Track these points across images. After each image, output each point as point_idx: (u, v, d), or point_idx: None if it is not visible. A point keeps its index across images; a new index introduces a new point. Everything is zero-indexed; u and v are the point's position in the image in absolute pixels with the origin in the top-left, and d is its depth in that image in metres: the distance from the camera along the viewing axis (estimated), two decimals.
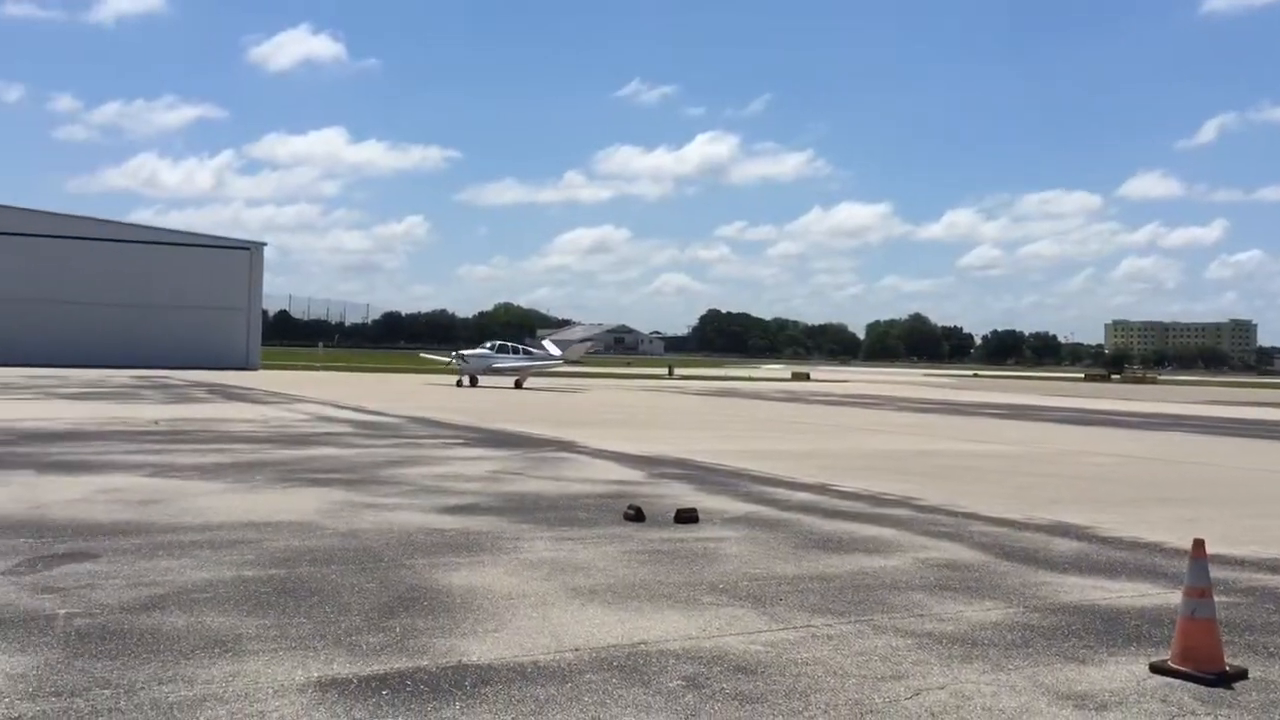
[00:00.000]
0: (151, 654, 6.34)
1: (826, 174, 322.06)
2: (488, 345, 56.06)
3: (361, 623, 7.18)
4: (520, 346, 58.50)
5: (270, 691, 5.75)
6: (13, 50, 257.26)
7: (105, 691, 5.66)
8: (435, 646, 6.68)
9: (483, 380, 52.88)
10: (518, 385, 52.05)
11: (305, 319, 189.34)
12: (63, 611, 7.22)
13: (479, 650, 6.63)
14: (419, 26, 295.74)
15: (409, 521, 11.34)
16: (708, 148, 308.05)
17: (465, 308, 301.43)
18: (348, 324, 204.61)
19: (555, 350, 60.70)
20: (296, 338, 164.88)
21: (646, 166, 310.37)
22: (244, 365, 72.00)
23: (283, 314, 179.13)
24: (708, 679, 6.19)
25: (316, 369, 75.19)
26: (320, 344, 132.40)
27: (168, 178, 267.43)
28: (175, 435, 21.11)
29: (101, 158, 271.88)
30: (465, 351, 55.52)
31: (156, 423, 24.15)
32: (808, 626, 7.47)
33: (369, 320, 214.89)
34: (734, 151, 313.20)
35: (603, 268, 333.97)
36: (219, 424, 24.49)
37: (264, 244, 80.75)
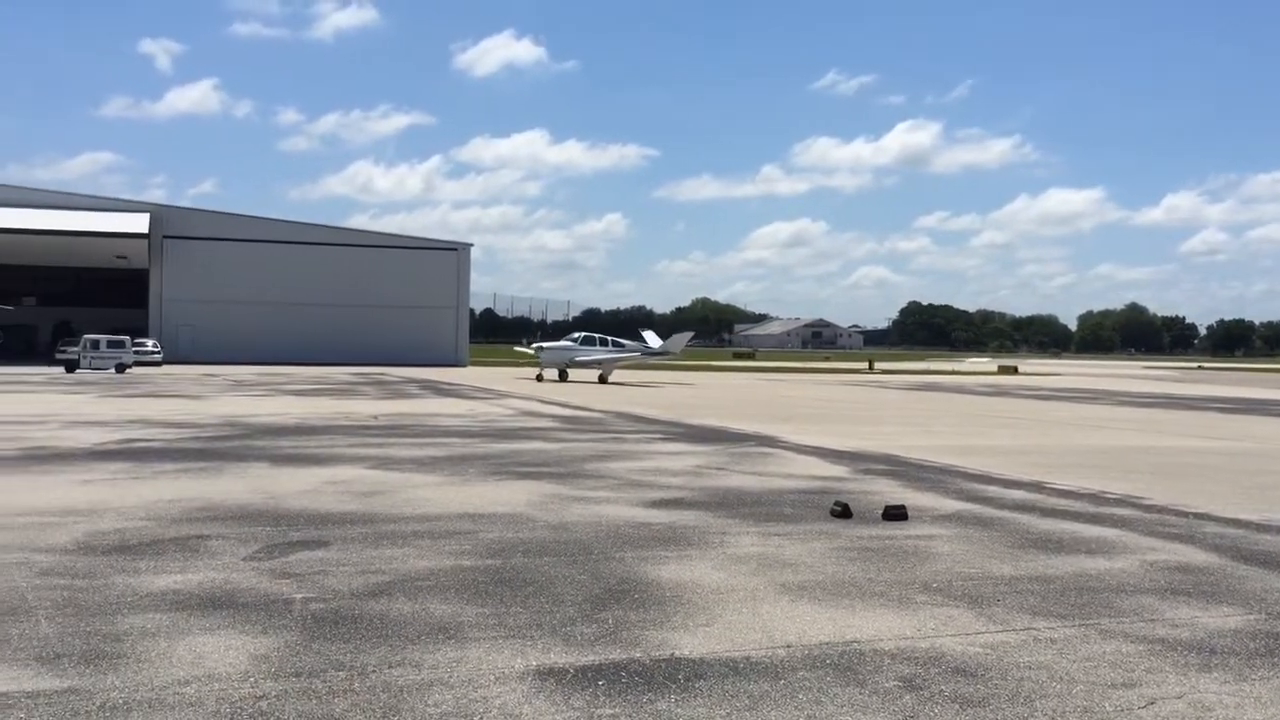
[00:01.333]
0: (380, 639, 6.64)
1: (1034, 159, 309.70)
2: (574, 336, 52.87)
3: (575, 613, 7.32)
4: (609, 338, 54.19)
5: (492, 678, 5.93)
6: (243, 68, 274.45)
7: (340, 673, 5.96)
8: (647, 639, 6.75)
9: (571, 374, 50.35)
10: (602, 380, 49.31)
11: (509, 317, 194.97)
12: (299, 596, 7.64)
13: (691, 644, 6.66)
14: (617, 27, 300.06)
15: (616, 515, 11.51)
16: (908, 136, 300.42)
17: (663, 304, 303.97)
18: (549, 321, 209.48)
19: (655, 343, 57.40)
20: (501, 335, 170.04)
21: (844, 158, 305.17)
22: (453, 362, 74.77)
23: (488, 312, 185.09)
24: (925, 680, 6.04)
25: (522, 366, 77.31)
26: (525, 341, 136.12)
27: (381, 183, 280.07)
28: (393, 430, 22.09)
29: (322, 166, 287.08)
30: (545, 344, 52.50)
31: (375, 418, 25.34)
32: (1029, 629, 7.19)
33: (570, 317, 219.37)
34: (935, 139, 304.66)
35: (800, 261, 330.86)
36: (432, 419, 25.49)
37: (470, 245, 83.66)
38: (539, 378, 49.51)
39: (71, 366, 52.20)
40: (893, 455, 18.42)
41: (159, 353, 61.65)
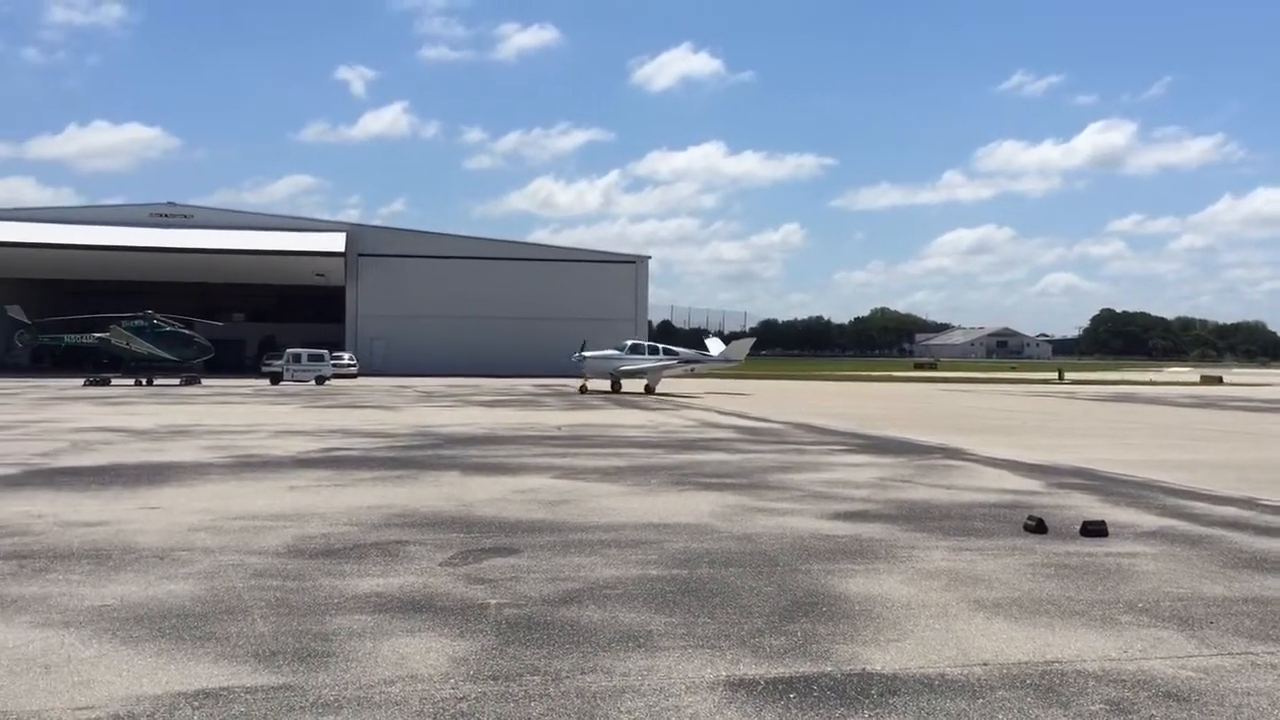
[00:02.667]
0: (572, 645, 6.76)
1: (1239, 158, 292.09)
2: (621, 344, 49.85)
3: (763, 625, 7.30)
4: (661, 346, 51.30)
5: (683, 687, 5.97)
6: (431, 91, 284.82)
7: (535, 678, 6.10)
8: (838, 652, 6.67)
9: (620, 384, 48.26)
10: (648, 390, 47.02)
11: (686, 328, 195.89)
12: (493, 602, 7.86)
13: (882, 659, 6.55)
14: (794, 36, 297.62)
15: (801, 527, 11.41)
16: (1100, 137, 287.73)
17: (841, 313, 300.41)
18: (726, 332, 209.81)
19: (716, 350, 54.16)
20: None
21: (1031, 161, 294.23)
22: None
23: (665, 324, 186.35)
24: (1134, 704, 5.77)
25: (698, 377, 77.57)
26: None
27: (561, 199, 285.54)
28: (576, 440, 22.49)
29: (505, 183, 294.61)
30: (586, 353, 48.86)
31: (559, 428, 25.85)
32: (1246, 654, 6.78)
33: (747, 328, 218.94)
34: (1130, 140, 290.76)
35: (984, 269, 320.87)
36: (614, 429, 25.84)
37: (648, 257, 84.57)
38: (582, 389, 47.28)
39: (276, 379, 55.12)
40: (1088, 469, 17.67)
41: (355, 365, 64.52)
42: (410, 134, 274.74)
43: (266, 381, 55.16)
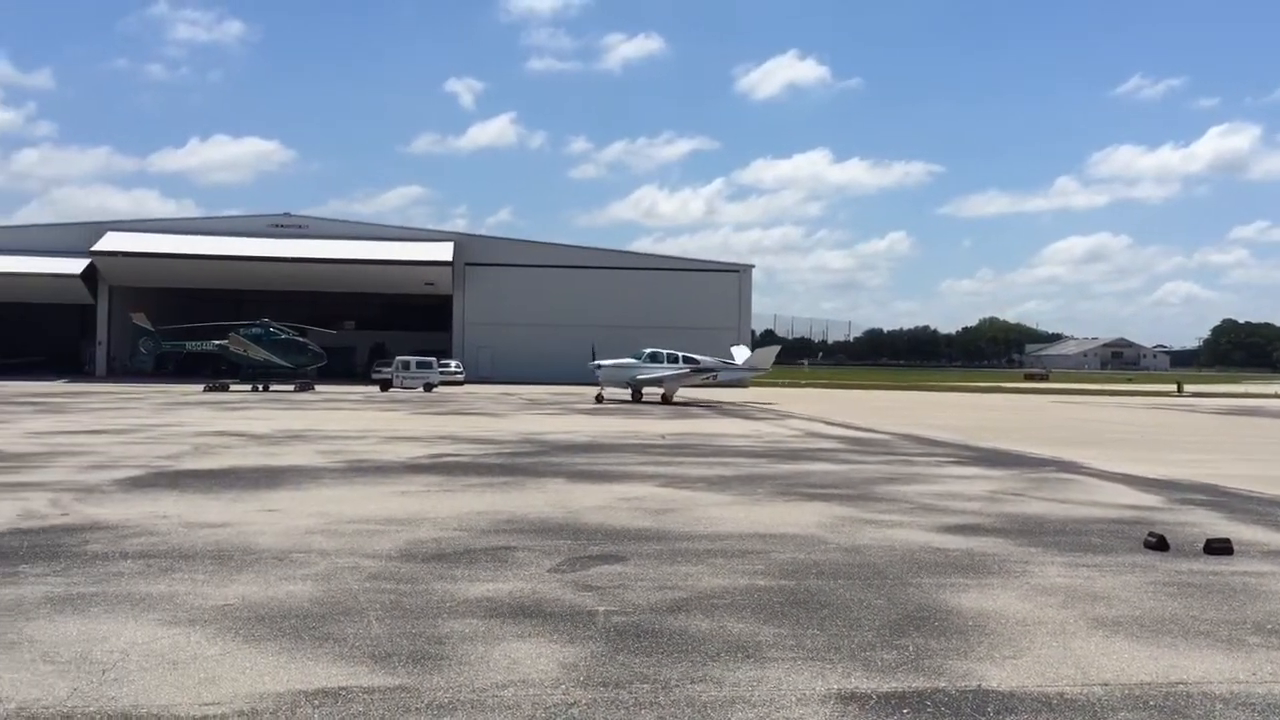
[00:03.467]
0: (681, 654, 6.76)
1: None
2: (639, 353, 47.57)
3: (874, 638, 7.20)
4: (681, 355, 48.64)
5: (793, 699, 5.93)
6: (538, 101, 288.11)
7: (644, 686, 6.12)
8: (951, 668, 6.55)
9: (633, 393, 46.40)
10: (665, 400, 45.22)
11: (790, 337, 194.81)
12: (601, 609, 7.90)
13: (998, 676, 6.41)
14: (901, 42, 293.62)
15: (910, 539, 11.24)
16: (1221, 141, 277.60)
17: (948, 323, 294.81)
18: (830, 341, 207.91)
19: (741, 357, 52.26)
20: (781, 355, 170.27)
21: (1149, 167, 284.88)
22: (736, 383, 75.32)
23: (768, 333, 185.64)
24: None
25: (802, 386, 77.09)
26: (805, 362, 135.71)
27: (665, 207, 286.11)
28: (680, 449, 22.50)
29: (609, 193, 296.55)
30: (603, 361, 47.03)
31: (663, 436, 25.90)
32: None
33: (851, 337, 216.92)
34: (1254, 143, 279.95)
35: (1098, 278, 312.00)
36: (718, 438, 25.79)
37: (751, 266, 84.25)
38: (599, 398, 45.38)
39: (385, 386, 56.27)
40: (1211, 484, 17.06)
41: (462, 373, 65.50)
42: (517, 144, 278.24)
43: (376, 388, 56.33)
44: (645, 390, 46.67)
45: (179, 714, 5.53)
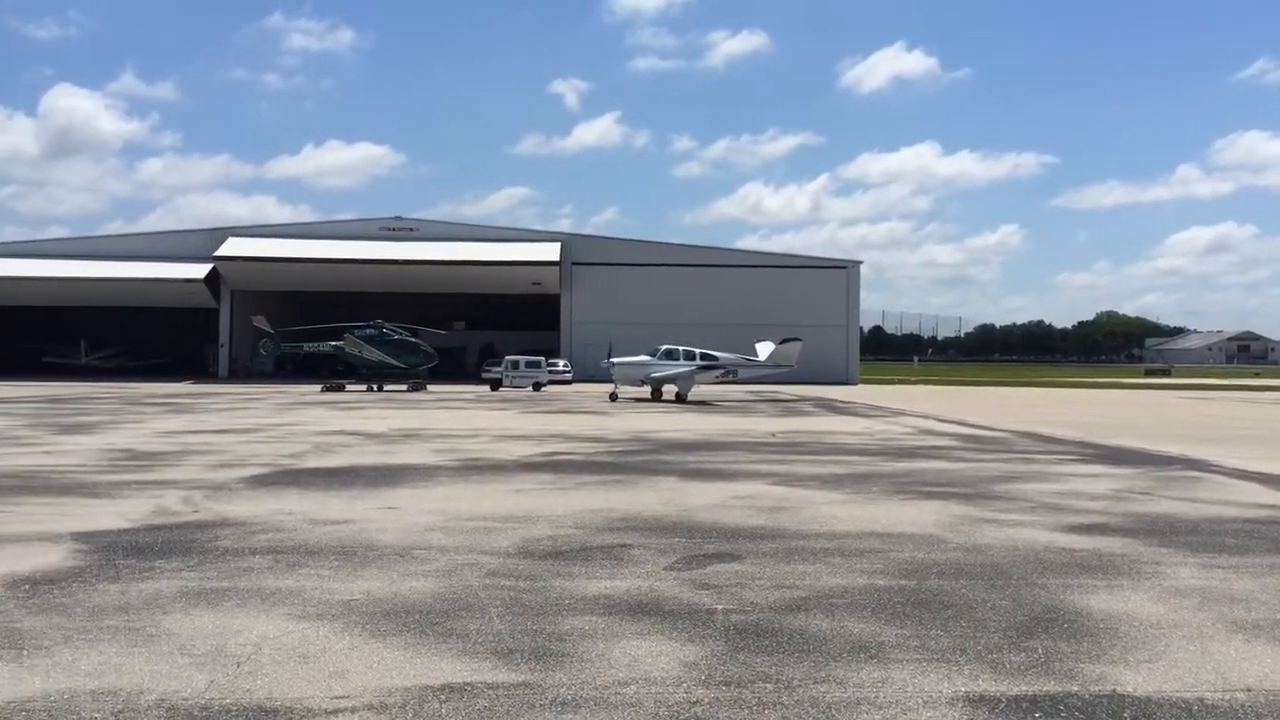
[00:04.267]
0: (802, 654, 6.69)
1: None
2: (654, 350, 46.01)
3: (1000, 640, 7.03)
4: (699, 352, 46.92)
5: (920, 701, 5.81)
6: (642, 100, 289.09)
7: (767, 685, 6.06)
8: (1084, 672, 6.36)
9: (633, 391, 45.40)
10: (678, 399, 43.52)
11: (898, 334, 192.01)
12: (719, 607, 7.87)
13: (1134, 680, 6.20)
14: (1013, 30, 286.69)
15: (1033, 539, 10.96)
16: None
17: (1063, 318, 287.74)
18: (940, 338, 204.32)
19: (765, 354, 49.74)
20: (890, 352, 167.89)
21: (1276, 153, 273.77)
22: (844, 380, 74.61)
23: (876, 329, 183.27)
24: None
25: (913, 383, 75.91)
26: (915, 358, 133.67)
27: (770, 204, 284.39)
28: (791, 446, 22.33)
29: (713, 190, 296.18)
30: (616, 359, 45.78)
31: (774, 434, 25.74)
32: None
33: (961, 333, 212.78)
34: None
35: (1223, 269, 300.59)
36: (829, 436, 25.53)
37: (859, 262, 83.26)
38: (612, 396, 44.63)
39: (495, 385, 57.05)
40: None
41: (569, 372, 66.05)
42: (621, 143, 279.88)
43: (486, 387, 57.13)
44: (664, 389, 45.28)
45: (311, 706, 5.65)
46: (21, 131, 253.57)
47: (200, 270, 72.17)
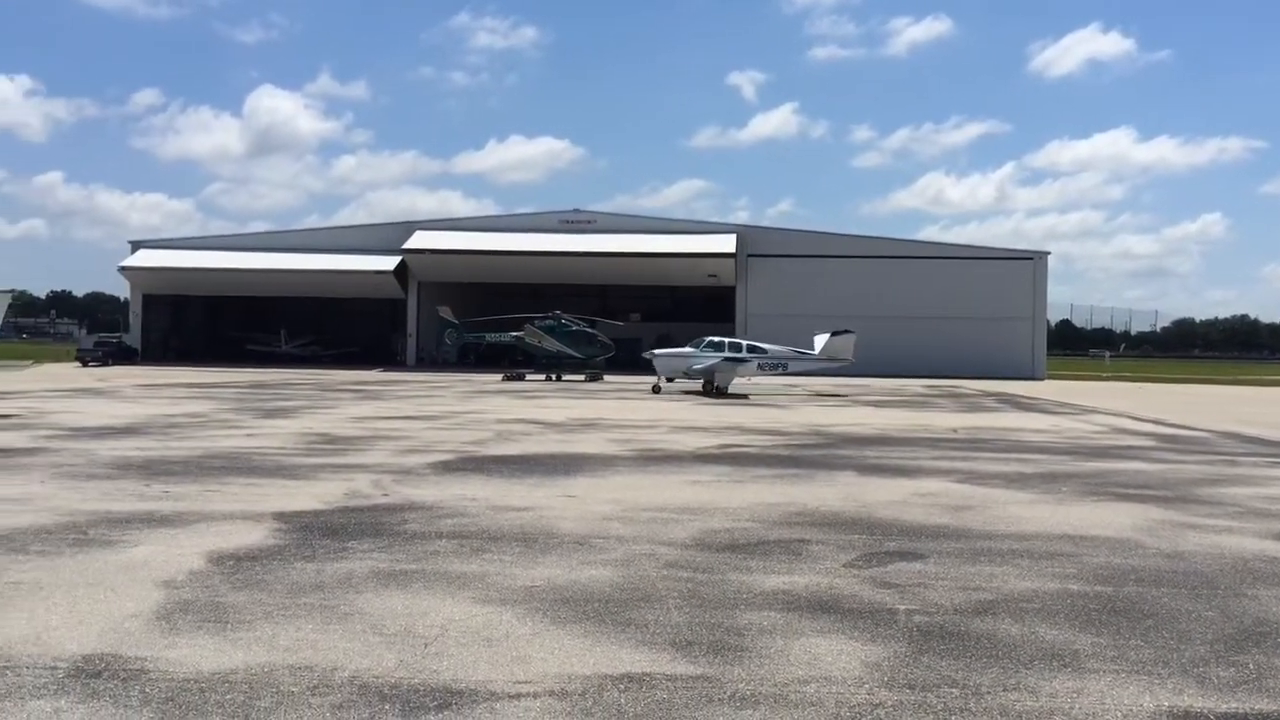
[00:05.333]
0: (991, 659, 6.45)
1: None
2: (698, 341, 44.07)
3: (1206, 653, 6.62)
4: (745, 344, 45.48)
5: (1119, 715, 5.52)
6: (820, 90, 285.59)
7: (953, 690, 5.86)
8: None
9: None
10: (716, 390, 41.49)
11: (1088, 328, 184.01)
12: (902, 608, 7.66)
13: None
14: (1221, 9, 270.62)
15: (1241, 546, 10.30)
16: None
17: (1271, 312, 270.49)
18: (1134, 332, 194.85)
19: (819, 344, 46.47)
20: (1079, 347, 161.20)
21: None
22: (1029, 375, 72.04)
23: (1064, 323, 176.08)
24: None
25: (1104, 379, 72.71)
26: (1106, 354, 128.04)
27: (952, 194, 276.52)
28: (974, 443, 21.66)
29: (892, 181, 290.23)
30: (658, 351, 44.98)
31: (955, 430, 25.04)
32: None
33: (1158, 328, 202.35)
34: None
35: None
36: (1014, 433, 24.66)
37: (1047, 253, 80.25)
38: (655, 389, 42.88)
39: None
40: None
41: None
42: (798, 134, 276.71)
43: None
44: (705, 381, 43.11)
45: (494, 690, 5.76)
46: (228, 131, 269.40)
47: (390, 262, 75.01)
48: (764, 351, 44.67)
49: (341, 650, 6.39)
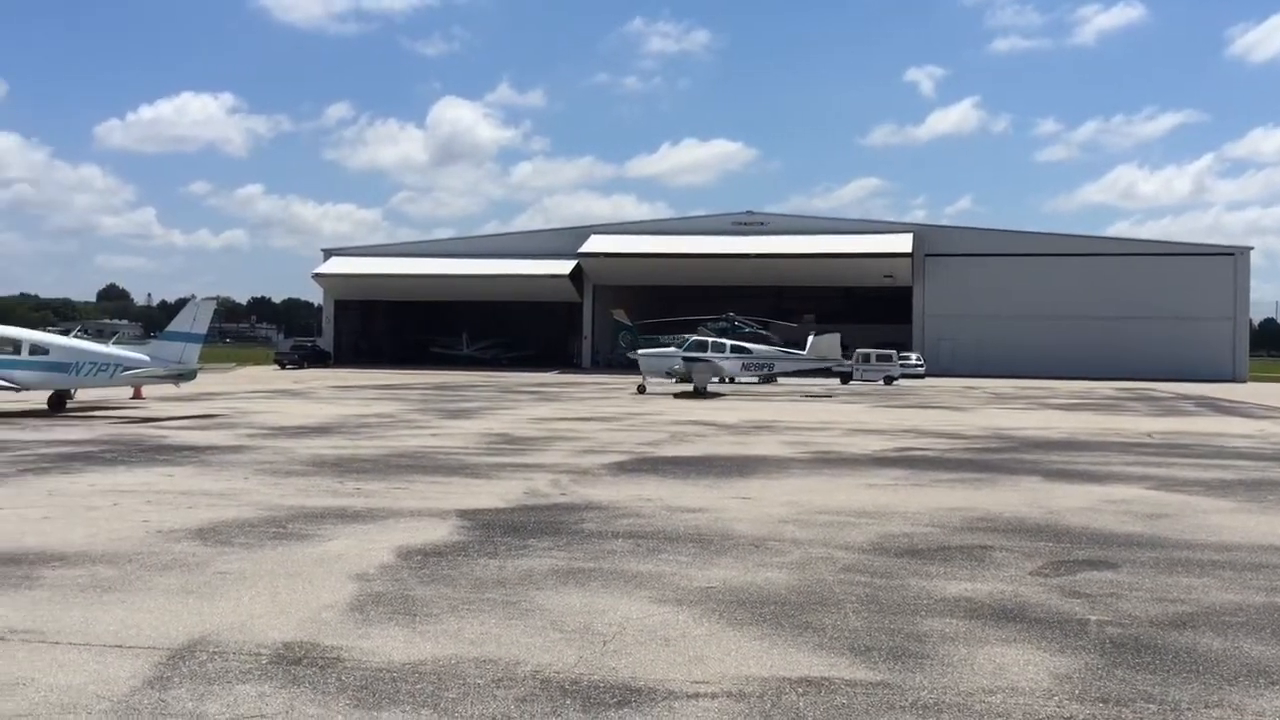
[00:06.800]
0: (1190, 674, 6.13)
1: None
2: (686, 340, 43.95)
3: None
4: (730, 344, 44.97)
5: None
6: (1002, 83, 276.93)
7: (1150, 706, 5.59)
8: None
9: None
10: (698, 391, 40.19)
11: None
12: (1093, 618, 7.36)
13: None
14: None
15: None
16: None
17: None
18: None
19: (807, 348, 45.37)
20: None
21: None
22: (1229, 377, 68.12)
23: (1269, 322, 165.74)
24: None
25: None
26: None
27: (1145, 188, 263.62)
28: (1170, 448, 20.62)
29: (1079, 175, 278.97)
30: (642, 351, 44.16)
31: (1150, 435, 23.88)
32: None
33: None
34: None
35: None
36: (1215, 438, 23.35)
37: (1249, 248, 75.62)
38: (640, 389, 41.66)
39: (845, 378, 56.57)
40: None
41: (922, 366, 64.43)
42: (979, 129, 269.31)
43: (837, 381, 56.78)
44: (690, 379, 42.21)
45: (673, 689, 5.79)
46: (413, 141, 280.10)
47: (566, 266, 76.40)
48: (749, 352, 44.75)
49: (523, 645, 6.55)
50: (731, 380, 46.09)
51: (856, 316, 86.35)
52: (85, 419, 24.48)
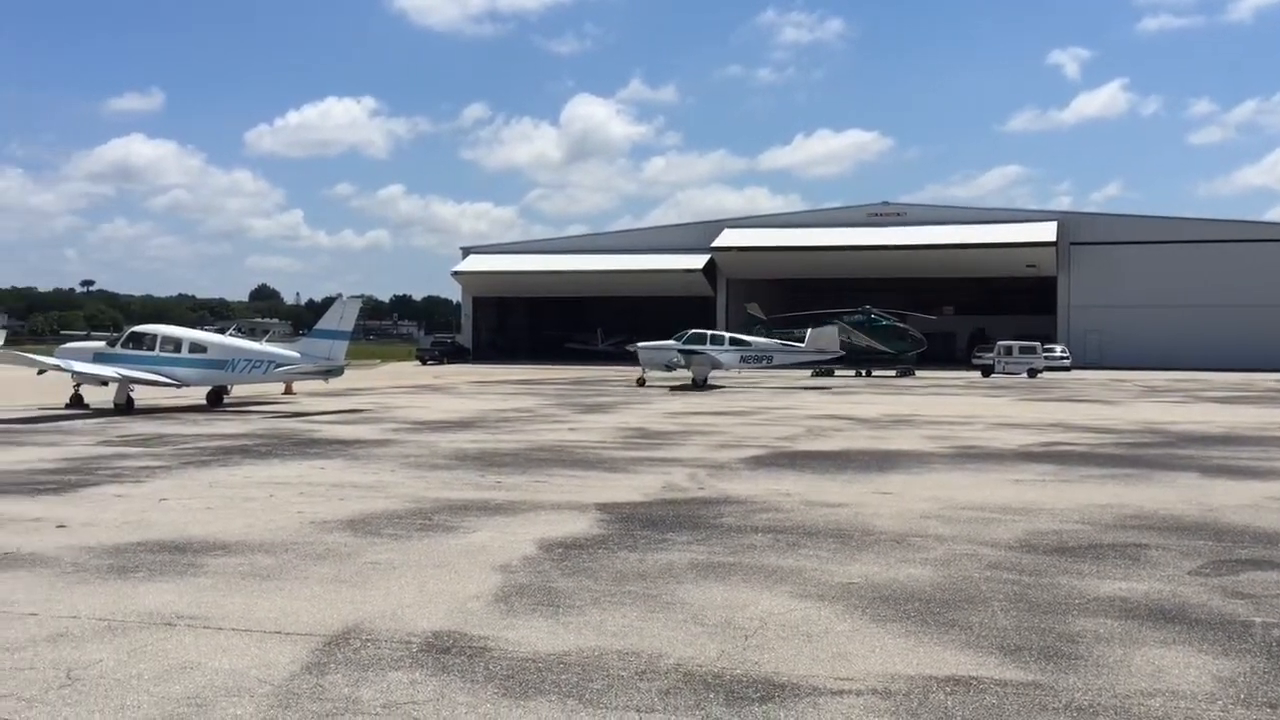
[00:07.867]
0: None
1: None
2: (685, 334, 42.62)
3: None
4: (730, 337, 45.36)
5: None
6: (1153, 64, 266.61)
7: None
8: None
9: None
10: (694, 384, 39.44)
11: None
12: (1258, 620, 7.03)
13: None
14: None
15: None
16: None
17: None
18: None
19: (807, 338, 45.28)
20: None
21: None
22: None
23: None
24: None
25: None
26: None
27: None
28: None
29: (1237, 158, 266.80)
30: (641, 344, 42.95)
31: None
32: None
33: None
34: None
35: None
36: None
37: None
38: (640, 381, 41.27)
39: (987, 371, 55.29)
40: None
41: (1067, 358, 62.43)
42: (1127, 112, 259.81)
43: (977, 374, 55.52)
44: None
45: (816, 686, 5.75)
46: (547, 139, 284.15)
47: (699, 260, 76.40)
48: (746, 344, 45.02)
49: (665, 638, 6.58)
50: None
51: (998, 308, 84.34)
52: (241, 413, 25.54)
